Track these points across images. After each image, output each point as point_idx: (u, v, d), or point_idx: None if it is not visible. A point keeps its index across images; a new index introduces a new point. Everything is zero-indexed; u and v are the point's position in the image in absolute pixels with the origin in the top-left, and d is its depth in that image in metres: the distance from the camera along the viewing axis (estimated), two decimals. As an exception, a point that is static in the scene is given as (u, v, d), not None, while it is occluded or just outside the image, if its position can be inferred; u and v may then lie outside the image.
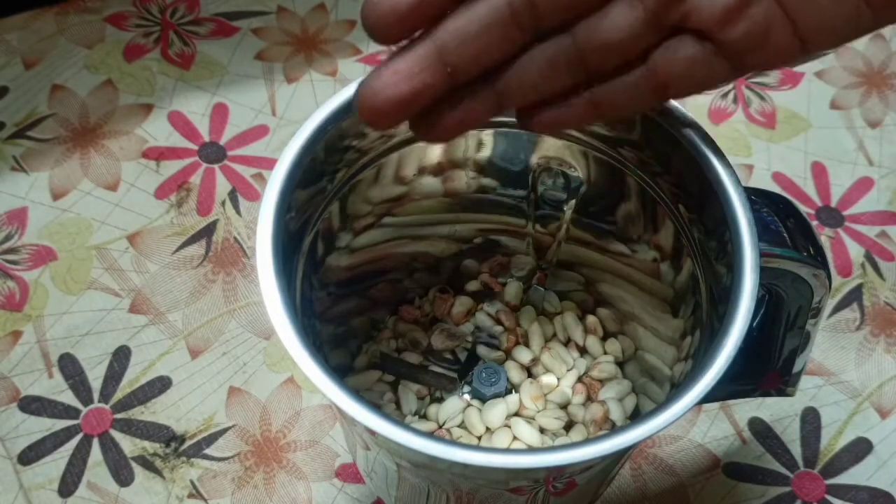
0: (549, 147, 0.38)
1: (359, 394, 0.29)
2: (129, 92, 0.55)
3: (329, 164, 0.35)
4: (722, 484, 0.44)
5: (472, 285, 0.46)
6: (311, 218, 0.35)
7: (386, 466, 0.35)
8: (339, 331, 0.42)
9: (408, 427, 0.28)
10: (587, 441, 0.29)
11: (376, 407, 0.29)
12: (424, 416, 0.43)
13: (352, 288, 0.41)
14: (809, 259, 0.33)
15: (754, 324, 0.38)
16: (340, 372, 0.43)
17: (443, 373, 0.43)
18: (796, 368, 0.39)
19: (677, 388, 0.34)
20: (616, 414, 0.42)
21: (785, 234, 0.32)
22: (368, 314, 0.44)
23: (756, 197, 0.33)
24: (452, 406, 0.42)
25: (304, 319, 0.32)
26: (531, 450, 0.31)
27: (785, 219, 0.33)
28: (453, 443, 0.29)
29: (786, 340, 0.37)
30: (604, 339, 0.45)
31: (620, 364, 0.44)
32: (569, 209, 0.40)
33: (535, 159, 0.39)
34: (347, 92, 0.34)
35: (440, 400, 0.43)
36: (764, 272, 0.31)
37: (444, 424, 0.42)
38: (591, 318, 0.45)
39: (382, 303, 0.45)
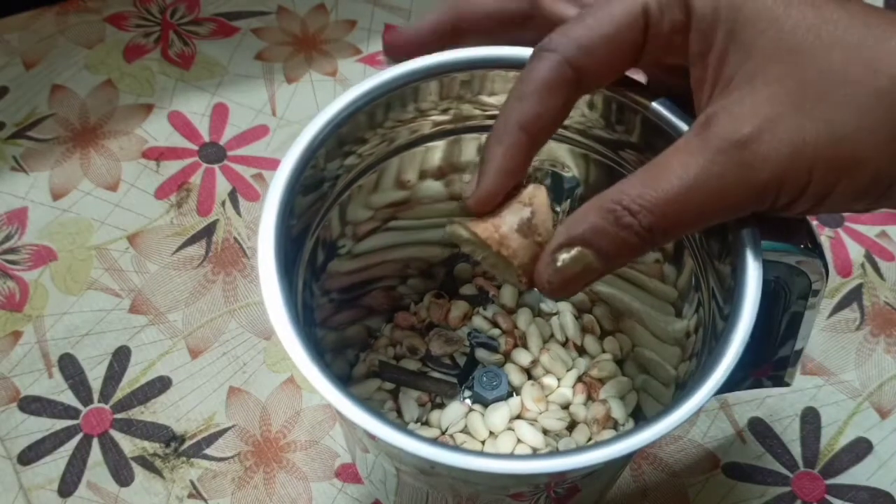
0: (549, 149, 0.38)
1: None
2: (129, 92, 0.55)
3: (329, 170, 0.35)
4: (722, 484, 0.44)
5: (468, 289, 0.46)
6: (311, 224, 0.35)
7: (385, 470, 0.35)
8: (337, 340, 0.42)
9: (408, 431, 0.28)
10: (588, 447, 0.29)
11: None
12: (426, 423, 0.43)
13: (349, 295, 0.41)
14: (807, 251, 0.33)
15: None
16: (340, 382, 0.43)
17: (443, 378, 0.43)
18: (785, 353, 0.38)
19: (682, 388, 0.34)
20: (618, 412, 0.42)
21: (782, 228, 0.32)
22: (364, 322, 0.44)
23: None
24: (454, 411, 0.42)
25: (305, 329, 0.32)
26: (533, 455, 0.31)
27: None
28: (453, 448, 0.29)
29: (784, 331, 0.37)
30: (601, 337, 0.45)
31: (619, 362, 0.44)
32: (562, 210, 0.40)
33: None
34: (347, 96, 0.34)
35: (441, 406, 0.43)
36: (764, 265, 0.31)
37: (446, 430, 0.42)
38: (587, 317, 0.45)
39: (377, 310, 0.45)
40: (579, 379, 0.44)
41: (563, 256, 0.29)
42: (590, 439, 0.42)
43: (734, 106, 0.28)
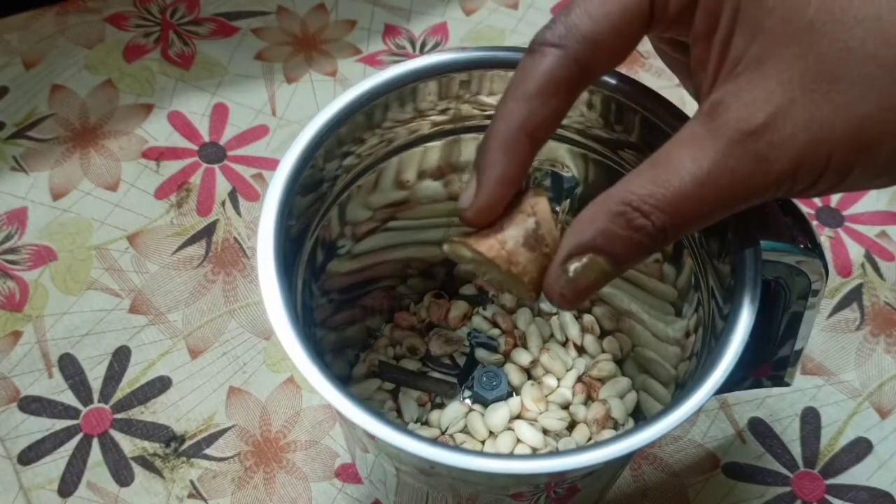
0: (549, 149, 0.38)
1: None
2: (129, 92, 0.55)
3: (328, 170, 0.35)
4: (722, 484, 0.44)
5: (467, 289, 0.46)
6: (310, 224, 0.35)
7: (385, 470, 0.35)
8: (337, 340, 0.42)
9: (408, 431, 0.28)
10: (588, 447, 0.29)
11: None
12: (426, 423, 0.43)
13: (349, 295, 0.41)
14: (807, 251, 0.33)
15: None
16: (339, 382, 0.43)
17: (442, 378, 0.43)
18: (785, 353, 0.38)
19: (682, 388, 0.34)
20: (617, 412, 0.42)
21: (782, 228, 0.32)
22: (364, 322, 0.44)
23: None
24: (454, 411, 0.42)
25: (305, 329, 0.32)
26: (533, 455, 0.31)
27: (781, 212, 0.33)
28: (453, 448, 0.29)
29: (784, 331, 0.37)
30: (601, 337, 0.45)
31: (619, 362, 0.44)
32: (562, 210, 0.40)
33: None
34: (347, 97, 0.34)
35: (441, 406, 0.43)
36: (764, 265, 0.31)
37: (446, 430, 0.42)
38: (587, 317, 0.45)
39: (377, 310, 0.45)
40: (579, 379, 0.44)
41: (575, 266, 0.28)
42: (590, 439, 0.42)
43: (743, 92, 0.26)
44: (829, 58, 0.26)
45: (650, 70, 0.57)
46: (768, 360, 0.38)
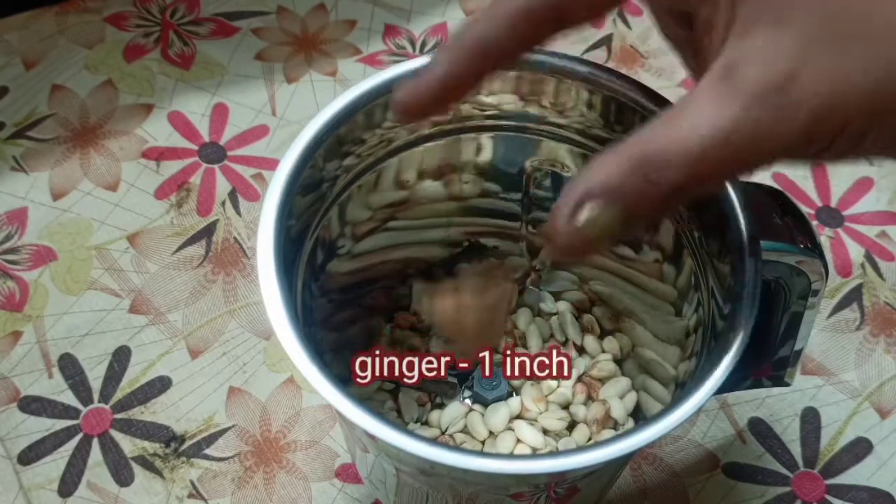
0: (550, 149, 0.38)
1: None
2: (129, 92, 0.55)
3: (328, 170, 0.35)
4: (722, 484, 0.44)
5: (467, 289, 0.46)
6: (310, 224, 0.35)
7: (385, 470, 0.35)
8: (337, 340, 0.42)
9: (408, 431, 0.28)
10: (588, 447, 0.29)
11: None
12: (426, 423, 0.43)
13: (349, 295, 0.41)
14: (807, 251, 0.33)
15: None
16: (339, 382, 0.43)
17: (442, 378, 0.43)
18: (785, 353, 0.38)
19: (682, 388, 0.34)
20: (618, 412, 0.42)
21: (782, 228, 0.32)
22: (364, 322, 0.44)
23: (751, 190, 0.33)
24: (454, 411, 0.42)
25: (305, 329, 0.32)
26: (533, 455, 0.31)
27: (781, 212, 0.33)
28: (453, 448, 0.29)
29: (784, 331, 0.37)
30: (601, 336, 0.45)
31: (619, 362, 0.44)
32: None
33: (529, 162, 0.39)
34: (347, 96, 0.34)
35: (441, 406, 0.43)
36: (764, 265, 0.31)
37: (446, 430, 0.42)
38: (587, 317, 0.45)
39: (377, 310, 0.45)
40: (579, 379, 0.44)
41: (586, 215, 0.26)
42: (590, 439, 0.42)
43: (760, 49, 0.25)
44: (846, 18, 0.25)
45: (650, 70, 0.57)
46: (768, 360, 0.38)
